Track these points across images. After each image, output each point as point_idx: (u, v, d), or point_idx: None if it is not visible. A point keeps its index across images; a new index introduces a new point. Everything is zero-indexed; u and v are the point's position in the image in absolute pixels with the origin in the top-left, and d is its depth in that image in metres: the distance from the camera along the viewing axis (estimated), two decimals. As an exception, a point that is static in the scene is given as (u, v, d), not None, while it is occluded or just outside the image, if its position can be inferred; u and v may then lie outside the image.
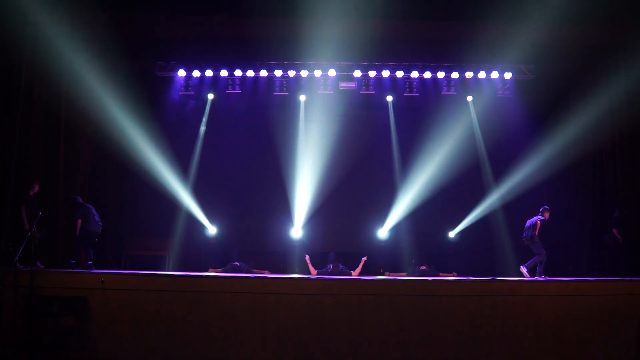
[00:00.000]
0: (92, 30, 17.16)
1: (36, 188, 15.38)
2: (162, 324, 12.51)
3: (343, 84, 20.37)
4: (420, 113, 20.94)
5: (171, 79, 20.35)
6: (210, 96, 20.82)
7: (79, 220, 15.83)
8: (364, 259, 17.70)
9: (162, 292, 12.63)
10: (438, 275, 17.55)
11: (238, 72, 20.09)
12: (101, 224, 16.36)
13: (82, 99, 17.05)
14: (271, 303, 12.51)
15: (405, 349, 12.43)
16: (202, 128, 20.85)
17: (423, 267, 18.05)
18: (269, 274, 17.41)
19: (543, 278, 15.29)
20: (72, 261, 15.64)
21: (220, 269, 17.66)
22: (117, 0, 16.85)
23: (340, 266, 17.41)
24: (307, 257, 17.82)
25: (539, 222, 16.99)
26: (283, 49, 18.91)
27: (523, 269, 16.56)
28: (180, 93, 20.46)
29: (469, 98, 20.84)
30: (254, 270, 17.73)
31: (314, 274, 17.08)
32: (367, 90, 20.26)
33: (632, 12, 16.81)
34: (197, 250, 20.40)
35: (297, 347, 12.40)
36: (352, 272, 17.29)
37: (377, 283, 13.07)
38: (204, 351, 12.40)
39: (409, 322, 12.48)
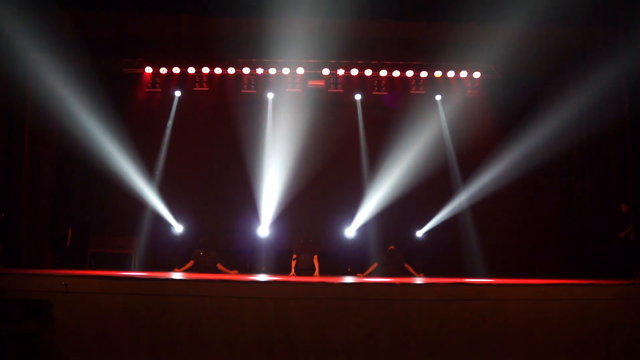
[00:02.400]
0: (56, 29, 16.97)
1: None
2: (126, 328, 12.33)
3: (311, 82, 20.37)
4: (389, 112, 20.90)
5: (138, 75, 20.22)
6: (177, 93, 20.67)
7: None
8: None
9: (126, 296, 12.45)
10: (404, 261, 17.75)
11: (205, 70, 20.02)
12: None
13: (47, 98, 16.81)
14: (236, 307, 12.37)
15: (373, 354, 12.34)
16: (169, 123, 20.67)
17: (391, 247, 18.19)
18: (236, 273, 17.36)
19: (512, 281, 15.21)
20: None
21: (183, 268, 17.67)
22: (81, -3, 16.68)
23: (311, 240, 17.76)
24: None
25: None
26: (251, 46, 18.82)
27: None
28: (146, 90, 20.33)
29: (438, 97, 20.84)
30: (218, 265, 17.73)
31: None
32: (336, 88, 20.28)
33: (602, 17, 16.82)
34: (163, 249, 20.23)
35: (263, 351, 12.27)
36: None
37: (345, 287, 13.00)
38: (170, 356, 12.26)
39: (376, 326, 12.38)
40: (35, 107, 16.76)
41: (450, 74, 20.16)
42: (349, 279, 14.93)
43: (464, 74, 20.08)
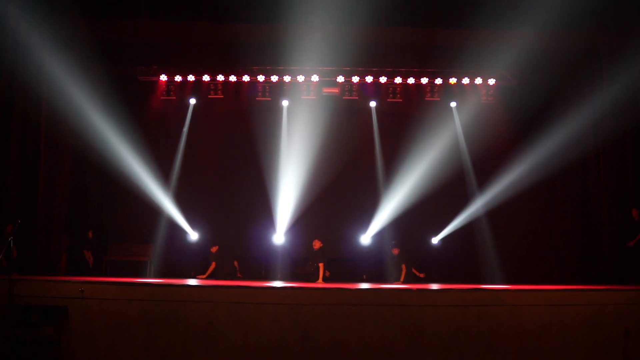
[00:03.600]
0: (72, 37, 17.05)
1: (9, 228, 15.23)
2: (142, 334, 12.34)
3: (326, 90, 20.37)
4: (403, 118, 20.86)
5: (153, 83, 20.27)
6: (192, 101, 20.72)
7: None
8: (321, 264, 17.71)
9: (142, 302, 12.45)
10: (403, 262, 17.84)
11: (220, 77, 20.05)
12: None
13: (63, 105, 16.84)
14: (253, 313, 12.36)
15: (388, 359, 12.32)
16: (184, 130, 20.70)
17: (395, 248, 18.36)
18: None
19: (529, 287, 15.15)
20: None
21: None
22: (98, 6, 16.67)
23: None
24: None
25: None
26: (266, 54, 18.80)
27: None
28: (162, 98, 20.37)
29: (453, 104, 20.81)
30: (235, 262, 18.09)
31: None
32: (351, 95, 20.26)
33: (616, 21, 16.79)
34: (178, 256, 20.29)
35: (279, 357, 12.25)
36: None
37: (360, 292, 12.97)
38: (186, 361, 12.28)
39: (392, 332, 12.34)
40: (50, 113, 16.79)
41: (465, 80, 20.13)
42: (364, 285, 14.87)
43: (478, 80, 20.05)
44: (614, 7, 16.51)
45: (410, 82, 20.24)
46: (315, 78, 19.91)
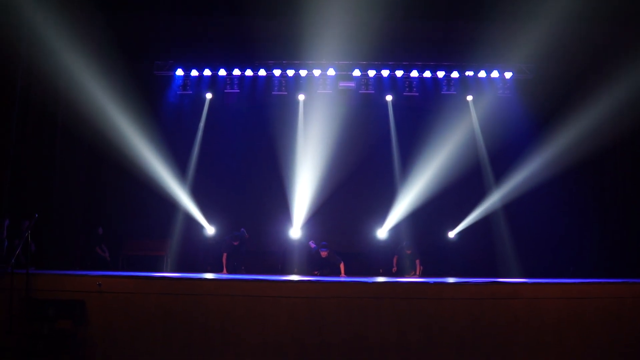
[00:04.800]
0: (89, 30, 17.14)
1: (26, 224, 15.31)
2: (160, 327, 12.33)
3: (342, 84, 20.36)
4: (420, 112, 20.84)
5: (169, 78, 20.39)
6: (209, 95, 20.75)
7: None
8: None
9: (159, 295, 12.44)
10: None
11: (236, 72, 20.10)
12: None
13: (79, 99, 16.93)
14: (270, 306, 12.34)
15: (406, 353, 12.25)
16: (201, 125, 20.73)
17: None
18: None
19: (546, 280, 15.10)
20: None
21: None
22: (115, 0, 16.70)
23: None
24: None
25: None
26: (282, 48, 18.87)
27: None
28: (178, 92, 20.42)
29: (469, 97, 20.77)
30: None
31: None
32: (367, 89, 20.27)
33: (635, 14, 16.69)
34: (195, 251, 20.37)
35: (297, 350, 12.24)
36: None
37: (378, 285, 12.91)
38: (203, 355, 12.22)
39: (409, 325, 12.30)
40: (67, 108, 16.89)
41: (482, 74, 20.05)
42: (381, 279, 14.83)
43: (495, 74, 19.97)
44: (632, 0, 16.42)
45: (427, 76, 20.19)
46: (331, 72, 19.90)
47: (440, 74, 20.11)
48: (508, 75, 20.01)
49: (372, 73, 20.04)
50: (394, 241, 19.86)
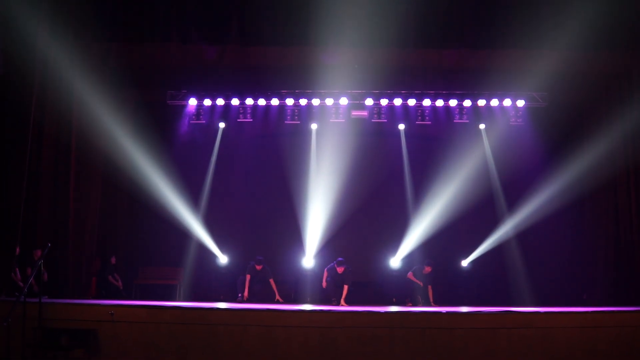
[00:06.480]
0: (102, 61, 17.22)
1: (39, 253, 15.40)
2: (172, 357, 12.34)
3: (355, 113, 20.37)
4: (432, 141, 20.91)
5: (182, 107, 20.39)
6: (222, 125, 20.80)
7: None
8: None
9: (172, 325, 12.47)
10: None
11: (249, 101, 20.09)
12: None
13: (93, 130, 16.97)
14: (282, 336, 12.34)
15: (419, 383, 12.25)
16: (214, 154, 20.78)
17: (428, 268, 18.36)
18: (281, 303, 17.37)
19: (559, 309, 15.03)
20: None
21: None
22: (127, 30, 16.73)
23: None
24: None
25: None
26: (294, 77, 18.91)
27: None
28: (191, 122, 20.47)
29: (482, 126, 20.76)
30: (271, 280, 18.10)
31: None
32: (379, 118, 20.22)
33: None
34: (208, 280, 20.37)
35: (309, 380, 12.24)
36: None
37: (390, 315, 12.89)
38: (216, 385, 12.25)
39: (422, 355, 12.27)
40: (81, 137, 16.90)
41: (494, 102, 20.04)
42: (394, 308, 14.80)
43: (507, 102, 19.96)
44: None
45: (439, 105, 20.17)
46: (344, 101, 19.91)
47: (453, 102, 20.08)
48: (520, 103, 19.95)
49: (384, 102, 20.04)
50: (407, 270, 19.75)
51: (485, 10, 16.40)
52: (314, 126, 20.92)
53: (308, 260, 20.24)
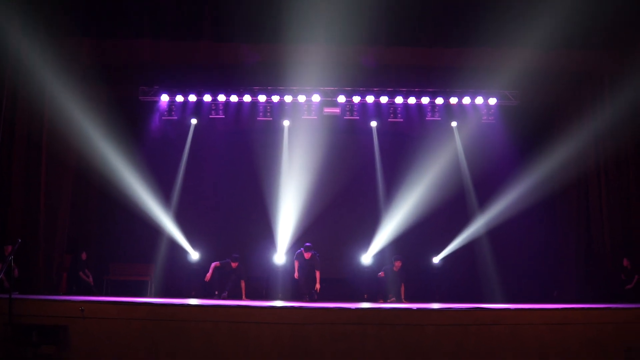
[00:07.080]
0: (74, 56, 17.11)
1: (9, 249, 15.34)
2: (143, 354, 12.29)
3: (327, 110, 20.34)
4: (404, 139, 20.98)
5: (154, 103, 20.29)
6: (194, 121, 20.74)
7: None
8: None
9: (143, 321, 12.41)
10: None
11: (221, 97, 20.01)
12: None
13: (64, 126, 16.89)
14: (254, 332, 12.31)
15: (390, 379, 12.28)
16: (186, 150, 20.73)
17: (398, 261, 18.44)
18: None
19: (528, 305, 15.11)
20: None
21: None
22: (100, 25, 16.68)
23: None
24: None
25: None
26: (267, 74, 18.90)
27: None
28: (163, 118, 20.38)
29: (454, 123, 20.85)
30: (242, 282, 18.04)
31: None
32: (351, 115, 20.23)
33: (618, 41, 16.82)
34: (179, 276, 20.32)
35: (280, 377, 12.24)
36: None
37: (362, 312, 12.93)
38: (187, 381, 12.23)
39: (394, 351, 12.29)
40: (52, 133, 16.85)
41: (466, 100, 20.11)
42: (366, 305, 14.83)
43: (479, 100, 20.02)
44: (617, 27, 16.54)
45: (411, 102, 20.20)
46: (316, 98, 19.89)
47: (425, 100, 20.12)
48: (492, 101, 20.04)
49: (357, 99, 20.04)
50: (379, 267, 19.79)
51: (457, 8, 16.54)
52: (286, 123, 20.94)
53: (280, 256, 20.24)
